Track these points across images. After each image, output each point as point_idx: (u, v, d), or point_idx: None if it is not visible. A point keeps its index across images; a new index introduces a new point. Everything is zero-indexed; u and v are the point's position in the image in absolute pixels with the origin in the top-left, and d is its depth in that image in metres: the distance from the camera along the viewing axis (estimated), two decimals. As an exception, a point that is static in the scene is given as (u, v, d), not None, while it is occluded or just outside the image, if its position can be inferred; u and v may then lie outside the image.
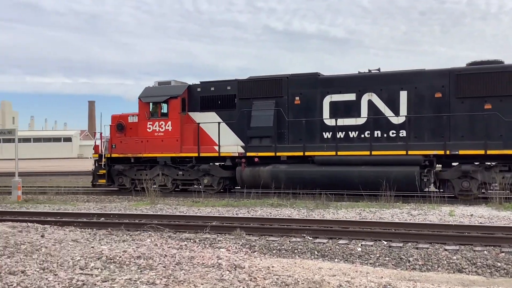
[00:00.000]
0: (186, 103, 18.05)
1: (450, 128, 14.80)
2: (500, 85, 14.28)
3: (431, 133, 15.08)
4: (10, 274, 6.06)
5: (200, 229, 10.38)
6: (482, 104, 14.47)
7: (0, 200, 17.10)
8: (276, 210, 13.30)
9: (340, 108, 16.09)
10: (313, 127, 16.39)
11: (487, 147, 14.10)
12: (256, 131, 16.81)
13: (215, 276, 6.06)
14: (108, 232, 9.86)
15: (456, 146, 14.58)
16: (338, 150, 15.75)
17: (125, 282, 5.72)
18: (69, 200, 17.09)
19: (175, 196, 17.43)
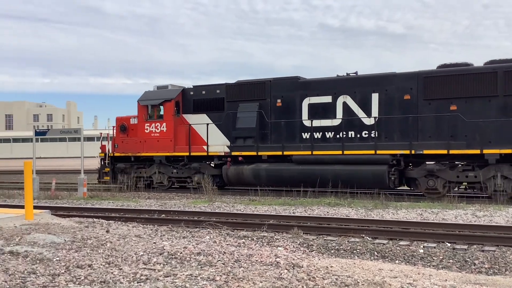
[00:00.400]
0: (180, 106, 19.32)
1: (418, 128, 15.44)
2: (464, 87, 14.79)
3: (401, 134, 15.72)
4: (77, 267, 6.34)
5: (258, 227, 10.43)
6: (448, 106, 15.01)
7: (67, 196, 17.95)
8: (334, 209, 13.16)
9: (317, 110, 16.96)
10: (293, 128, 17.31)
11: (450, 147, 14.70)
12: (240, 132, 17.87)
13: (273, 275, 6.07)
14: (168, 229, 10.11)
15: (421, 146, 15.22)
16: (314, 150, 16.69)
17: (186, 277, 5.84)
18: (131, 197, 17.68)
19: (232, 194, 17.64)
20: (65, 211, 13.30)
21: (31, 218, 9.81)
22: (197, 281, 5.68)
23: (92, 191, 18.94)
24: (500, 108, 14.46)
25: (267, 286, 5.56)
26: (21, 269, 6.12)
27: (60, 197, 17.81)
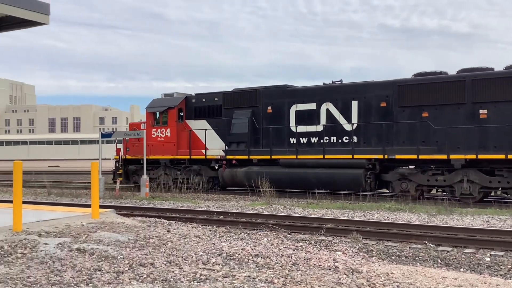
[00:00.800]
0: (183, 112, 20.84)
1: (393, 134, 16.29)
2: (435, 95, 15.48)
3: (377, 139, 16.60)
4: (140, 265, 6.54)
5: (315, 231, 10.36)
6: (420, 113, 15.81)
7: (131, 196, 18.58)
8: (394, 214, 12.84)
9: (303, 116, 18.04)
10: (281, 133, 18.48)
11: (420, 152, 15.53)
12: (234, 137, 19.28)
13: (332, 279, 6.00)
14: (227, 230, 10.23)
15: (394, 151, 16.14)
16: (298, 154, 17.85)
17: (244, 279, 5.89)
18: (190, 198, 18.06)
19: (289, 197, 17.62)
20: (128, 211, 13.79)
21: (97, 217, 10.23)
22: (255, 283, 5.71)
23: (154, 192, 19.50)
24: (467, 115, 15.17)
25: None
26: (87, 266, 6.40)
27: (124, 197, 18.48)
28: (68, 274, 5.98)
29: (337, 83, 18.03)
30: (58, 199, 18.08)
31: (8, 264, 6.42)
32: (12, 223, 8.65)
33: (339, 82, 18.08)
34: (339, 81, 18.15)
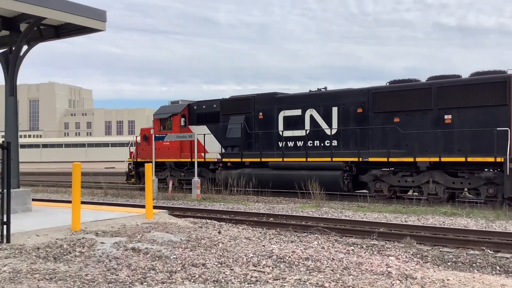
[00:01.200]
0: (186, 118, 22.34)
1: (368, 138, 17.32)
2: (405, 101, 16.50)
3: (355, 143, 17.61)
4: (192, 266, 6.65)
5: (367, 235, 10.18)
6: (392, 118, 16.78)
7: (183, 198, 18.94)
8: (450, 219, 12.42)
9: (290, 122, 19.32)
10: (270, 137, 19.78)
11: (390, 155, 16.59)
12: (229, 141, 20.67)
13: (384, 285, 5.88)
14: (277, 232, 10.24)
15: (367, 154, 17.19)
16: (284, 157, 19.15)
17: (295, 282, 5.87)
18: (240, 200, 18.19)
19: (340, 200, 17.42)
20: (180, 212, 14.06)
21: (151, 217, 10.50)
22: (305, 286, 5.69)
23: (205, 193, 19.79)
24: (434, 120, 16.05)
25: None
26: (142, 265, 6.57)
27: (176, 198, 18.85)
28: (124, 272, 6.17)
29: (322, 90, 19.35)
30: (114, 200, 18.69)
31: (67, 262, 6.70)
32: (71, 223, 9.03)
33: (324, 89, 19.39)
34: (323, 88, 19.44)
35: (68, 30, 12.41)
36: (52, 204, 14.09)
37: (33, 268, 6.27)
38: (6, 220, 7.67)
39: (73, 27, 12.16)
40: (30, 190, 11.96)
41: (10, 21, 11.57)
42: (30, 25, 11.36)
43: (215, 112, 21.47)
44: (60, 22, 11.83)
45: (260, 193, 19.91)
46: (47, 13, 10.71)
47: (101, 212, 11.22)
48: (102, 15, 11.76)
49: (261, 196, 19.38)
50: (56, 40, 12.90)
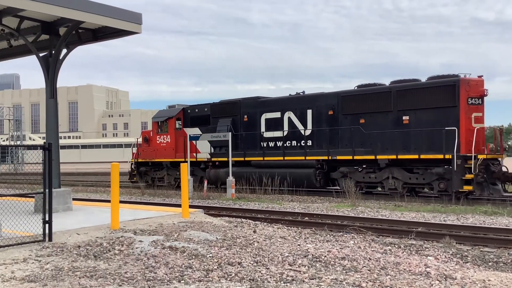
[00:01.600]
0: (181, 121, 24.03)
1: (338, 138, 18.94)
2: (369, 104, 18.09)
3: (326, 143, 19.12)
4: (228, 264, 6.70)
5: (405, 235, 10.02)
6: (358, 119, 18.30)
7: (217, 197, 19.09)
8: (491, 218, 12.09)
9: (271, 124, 21.01)
10: (254, 138, 21.54)
11: (355, 153, 18.18)
12: (218, 142, 21.96)
13: (423, 285, 5.77)
14: (312, 232, 10.19)
15: (336, 153, 18.80)
16: (265, 156, 20.87)
17: (331, 281, 5.83)
18: (275, 199, 18.19)
19: (376, 199, 17.20)
20: (216, 211, 14.17)
21: (187, 217, 10.63)
22: (342, 286, 5.64)
23: (240, 193, 19.89)
24: (394, 121, 17.51)
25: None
26: (179, 263, 6.66)
27: (211, 198, 19.02)
28: (162, 270, 6.27)
29: (300, 94, 20.99)
30: (151, 199, 19.00)
31: (107, 260, 6.86)
32: (110, 222, 9.23)
33: (302, 93, 21.00)
34: (301, 92, 21.08)
35: (105, 33, 12.70)
36: (91, 203, 14.45)
37: (74, 266, 6.45)
38: (48, 219, 7.91)
39: (110, 30, 12.44)
40: (70, 190, 12.30)
41: (50, 26, 11.93)
42: (69, 29, 11.68)
43: (206, 115, 23.26)
44: (98, 25, 12.12)
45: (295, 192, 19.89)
46: (85, 17, 10.99)
47: (138, 211, 11.44)
48: (138, 17, 11.98)
49: (295, 196, 19.33)
50: (93, 43, 13.23)
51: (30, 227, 8.22)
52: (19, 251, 7.24)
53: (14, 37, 11.99)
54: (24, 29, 11.94)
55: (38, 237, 7.88)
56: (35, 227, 8.12)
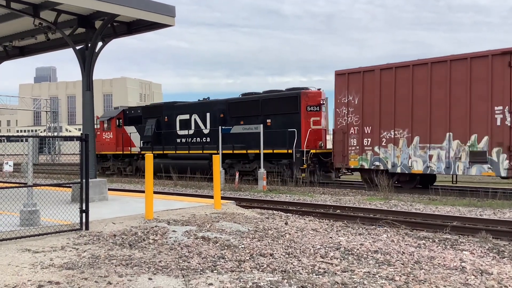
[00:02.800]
0: (122, 120, 28.82)
1: (230, 136, 22.45)
2: (246, 109, 23.10)
3: (218, 140, 22.33)
4: (260, 255, 6.74)
5: (439, 229, 9.84)
6: (239, 121, 22.75)
7: (249, 189, 19.18)
8: (529, 213, 11.73)
9: (183, 124, 25.83)
10: (171, 135, 26.21)
11: (234, 148, 22.87)
12: (146, 138, 27.03)
13: (458, 280, 5.67)
14: (344, 224, 10.13)
15: (224, 148, 22.39)
16: (177, 150, 25.64)
17: (364, 274, 5.80)
18: (306, 191, 18.14)
19: (409, 193, 16.94)
20: (247, 203, 14.24)
21: (219, 208, 10.73)
22: (375, 279, 5.60)
23: (271, 185, 19.92)
24: (261, 123, 21.44)
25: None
26: (212, 253, 6.74)
27: (242, 189, 19.12)
28: (195, 260, 6.36)
29: (205, 100, 25.86)
30: (183, 190, 19.24)
31: (141, 249, 7.00)
32: (145, 211, 9.41)
33: (207, 99, 25.87)
34: (207, 98, 26.01)
35: (139, 26, 12.88)
36: (126, 193, 14.74)
37: (110, 254, 6.61)
38: (85, 208, 8.12)
39: (144, 23, 12.60)
40: (106, 180, 12.58)
41: (86, 19, 12.18)
42: (104, 22, 11.89)
43: (139, 116, 28.09)
44: (132, 18, 12.29)
45: (326, 185, 19.78)
46: (120, 10, 11.16)
47: (171, 202, 11.61)
48: (172, 10, 12.09)
49: (327, 188, 19.24)
50: (128, 36, 13.44)
51: (68, 216, 8.46)
52: (57, 239, 7.47)
53: (52, 31, 12.30)
54: (61, 22, 12.23)
55: (75, 226, 8.11)
56: (72, 216, 8.36)
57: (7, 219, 8.07)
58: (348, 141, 19.24)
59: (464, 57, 16.18)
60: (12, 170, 8.43)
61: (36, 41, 14.60)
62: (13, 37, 14.25)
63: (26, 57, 16.38)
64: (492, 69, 15.41)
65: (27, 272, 5.71)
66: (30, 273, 5.65)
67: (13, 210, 8.78)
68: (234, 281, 5.41)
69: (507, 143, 15.03)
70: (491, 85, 15.42)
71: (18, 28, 13.44)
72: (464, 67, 15.98)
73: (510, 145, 14.97)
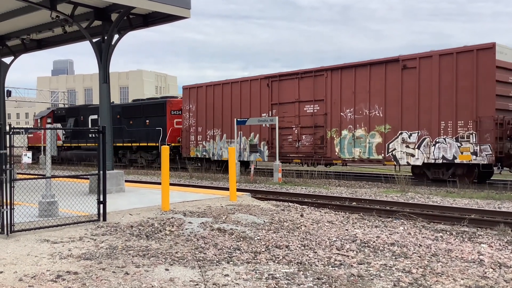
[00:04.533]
0: (51, 119, 35.05)
1: (122, 133, 29.29)
2: (133, 112, 30.03)
3: (118, 135, 28.45)
4: (276, 247, 6.75)
5: (457, 221, 9.74)
6: (129, 121, 29.66)
7: (264, 181, 19.18)
8: (549, 206, 11.54)
9: (94, 122, 31.12)
10: (84, 132, 31.94)
11: (124, 142, 29.52)
12: (67, 134, 33.35)
13: (476, 272, 5.62)
14: (360, 217, 10.08)
15: (119, 141, 28.98)
16: (87, 143, 31.66)
17: (380, 267, 5.77)
18: (322, 183, 18.08)
19: (427, 185, 16.79)
20: (262, 195, 14.25)
21: (235, 200, 10.75)
22: (392, 272, 5.57)
23: (286, 177, 19.90)
24: (143, 123, 28.74)
25: (469, 284, 5.18)
26: (227, 244, 6.77)
27: (258, 182, 19.13)
28: (211, 251, 6.39)
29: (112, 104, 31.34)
30: (199, 182, 19.32)
31: (158, 240, 7.06)
32: (161, 203, 9.47)
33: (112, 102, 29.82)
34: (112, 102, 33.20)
35: (155, 19, 12.89)
36: (142, 185, 14.86)
37: (127, 245, 6.68)
38: (103, 199, 8.20)
39: (160, 15, 12.62)
40: (123, 172, 12.68)
41: (102, 12, 12.23)
42: (120, 14, 11.93)
43: (64, 115, 34.89)
44: (148, 10, 12.32)
45: (342, 177, 19.68)
46: (136, 3, 11.19)
47: (187, 194, 11.67)
48: (187, 2, 12.08)
49: (342, 180, 19.15)
50: (144, 28, 13.47)
51: (85, 207, 8.56)
52: (75, 230, 7.56)
53: (69, 23, 12.38)
54: (78, 15, 12.30)
55: (93, 217, 8.20)
56: (90, 207, 8.45)
57: (26, 210, 8.20)
58: (189, 137, 26.43)
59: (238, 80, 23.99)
60: (31, 162, 8.54)
61: (53, 34, 14.73)
62: (31, 30, 14.39)
63: (43, 50, 16.55)
64: (260, 87, 22.75)
65: (46, 262, 5.80)
66: (49, 263, 5.73)
67: (32, 201, 8.90)
68: (250, 272, 5.42)
69: (267, 139, 22.46)
70: (260, 99, 22.75)
71: (36, 21, 13.57)
72: (236, 88, 23.76)
73: (268, 140, 22.41)
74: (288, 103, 21.60)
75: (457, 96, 16.38)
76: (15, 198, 7.24)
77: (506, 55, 16.22)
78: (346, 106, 19.48)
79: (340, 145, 19.75)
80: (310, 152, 20.79)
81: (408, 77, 17.63)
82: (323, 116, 20.26)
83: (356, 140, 19.19)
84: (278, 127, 20.63)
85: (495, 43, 15.83)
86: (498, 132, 15.63)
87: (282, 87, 21.90)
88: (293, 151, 21.52)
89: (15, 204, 7.21)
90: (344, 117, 19.57)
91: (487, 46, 15.91)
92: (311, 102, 20.74)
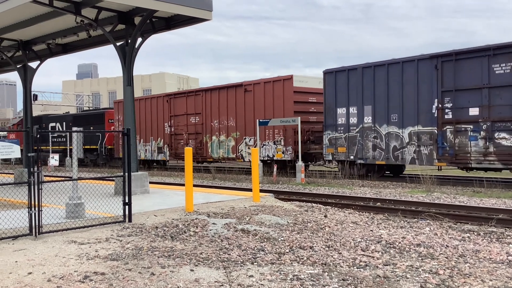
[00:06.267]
0: (21, 126, 37.32)
1: None
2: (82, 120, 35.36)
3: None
4: (300, 248, 6.72)
5: (484, 222, 9.56)
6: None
7: (287, 182, 19.15)
8: None
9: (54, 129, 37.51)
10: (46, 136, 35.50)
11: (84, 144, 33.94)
12: None
13: (505, 274, 5.50)
14: (385, 217, 9.98)
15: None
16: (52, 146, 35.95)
17: (406, 268, 5.70)
18: (345, 184, 17.96)
19: (453, 185, 16.52)
20: (286, 195, 14.23)
21: (258, 201, 10.76)
22: (418, 273, 5.50)
23: (309, 178, 19.82)
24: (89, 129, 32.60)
25: (497, 285, 5.08)
26: (251, 245, 6.78)
27: (280, 182, 19.11)
28: (235, 252, 6.41)
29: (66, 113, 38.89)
30: (222, 183, 19.40)
31: (183, 241, 7.11)
32: (185, 204, 9.54)
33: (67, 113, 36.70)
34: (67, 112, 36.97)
35: (177, 21, 13.00)
36: (166, 186, 14.99)
37: (153, 245, 6.74)
38: (128, 201, 8.30)
39: (182, 18, 12.71)
40: (147, 174, 12.82)
41: (125, 15, 12.40)
42: (143, 18, 12.07)
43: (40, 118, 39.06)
44: (170, 13, 12.43)
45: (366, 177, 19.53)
46: (158, 6, 11.31)
47: (211, 195, 11.73)
48: (209, 4, 12.15)
49: (366, 181, 18.99)
50: (166, 31, 13.59)
51: (111, 208, 8.68)
52: (102, 231, 7.67)
53: (93, 28, 12.58)
54: (102, 19, 12.49)
55: (118, 218, 8.31)
56: (116, 208, 8.56)
57: (54, 211, 8.35)
58: (119, 141, 30.84)
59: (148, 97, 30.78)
60: (57, 164, 8.72)
61: (78, 38, 14.97)
62: (56, 34, 14.67)
63: (68, 54, 16.84)
64: (163, 102, 28.96)
65: (73, 263, 5.90)
66: (76, 264, 5.83)
67: (59, 203, 9.07)
68: (275, 273, 5.42)
69: (168, 142, 28.32)
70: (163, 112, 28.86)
71: (61, 26, 13.82)
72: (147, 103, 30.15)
73: (169, 143, 28.18)
74: (180, 115, 27.85)
75: (274, 112, 22.65)
76: (42, 200, 7.39)
77: (306, 82, 22.85)
78: (214, 118, 25.71)
79: (212, 147, 25.97)
80: (194, 153, 25.73)
81: (248, 97, 23.85)
82: (201, 125, 26.39)
83: (220, 143, 25.50)
84: (174, 133, 27.92)
85: (292, 75, 22.34)
86: (296, 137, 20.83)
87: (176, 103, 28.06)
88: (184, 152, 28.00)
89: (43, 206, 7.36)
90: (213, 126, 25.75)
91: (287, 77, 22.49)
92: (194, 115, 26.94)
